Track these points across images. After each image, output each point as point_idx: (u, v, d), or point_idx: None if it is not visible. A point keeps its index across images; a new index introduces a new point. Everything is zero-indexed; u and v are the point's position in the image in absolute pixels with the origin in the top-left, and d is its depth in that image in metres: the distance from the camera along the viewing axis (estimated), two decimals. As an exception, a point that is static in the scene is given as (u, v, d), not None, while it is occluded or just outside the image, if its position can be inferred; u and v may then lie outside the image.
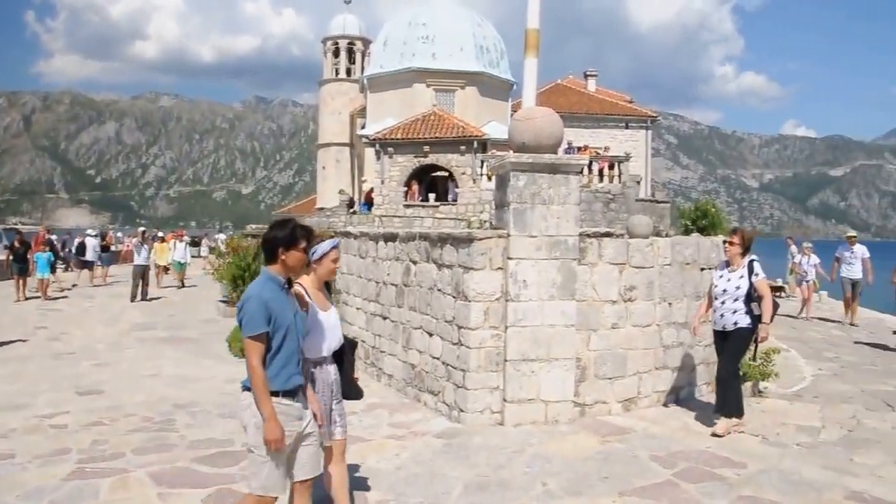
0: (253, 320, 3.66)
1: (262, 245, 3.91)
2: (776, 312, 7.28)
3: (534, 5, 8.40)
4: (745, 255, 7.13)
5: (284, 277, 3.87)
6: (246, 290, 3.83)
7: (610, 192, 27.04)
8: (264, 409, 3.65)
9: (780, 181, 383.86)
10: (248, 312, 3.69)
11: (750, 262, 7.06)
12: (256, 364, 3.66)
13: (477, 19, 37.75)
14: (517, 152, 7.06)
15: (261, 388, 3.65)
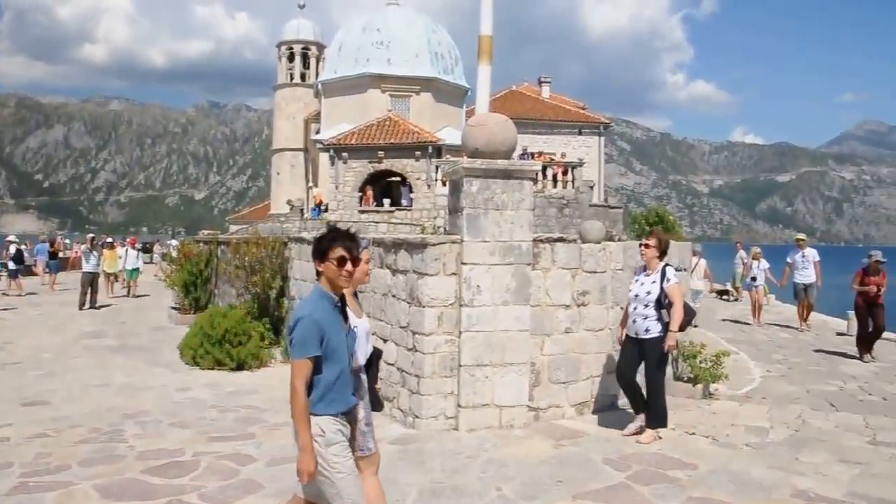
0: (304, 343, 3.46)
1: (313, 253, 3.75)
2: (690, 321, 7.02)
3: (487, 12, 8.43)
4: (661, 258, 6.88)
5: (337, 293, 3.67)
6: (297, 308, 3.65)
7: (564, 197, 27.28)
8: (302, 436, 3.47)
9: (729, 187, 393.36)
10: (298, 334, 3.48)
11: (664, 266, 6.84)
12: (299, 386, 3.46)
13: (432, 26, 37.82)
14: (471, 158, 7.07)
15: (301, 413, 3.46)
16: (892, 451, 6.66)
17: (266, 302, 11.58)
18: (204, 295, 16.19)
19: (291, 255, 11.25)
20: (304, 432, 3.46)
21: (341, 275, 3.62)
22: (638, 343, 6.85)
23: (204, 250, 17.02)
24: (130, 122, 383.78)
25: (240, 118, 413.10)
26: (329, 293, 3.64)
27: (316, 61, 47.05)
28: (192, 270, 16.29)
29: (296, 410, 3.47)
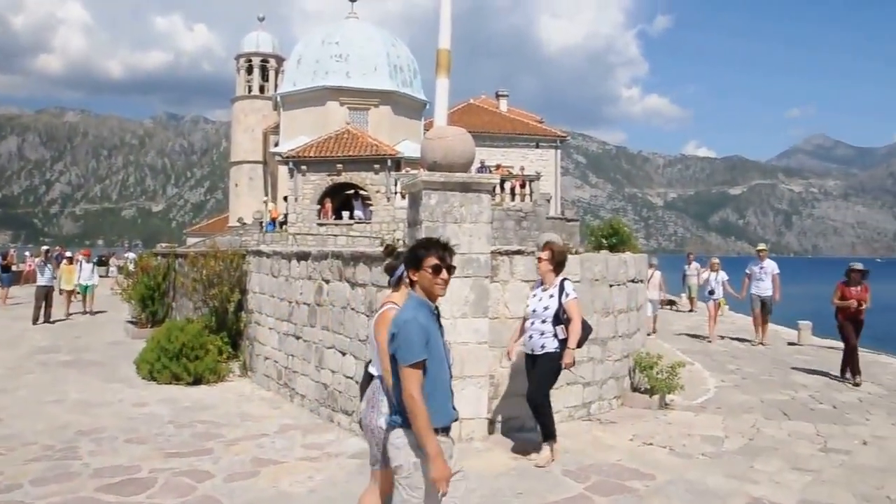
0: (412, 347, 3.39)
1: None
2: (587, 337, 6.75)
3: (445, 26, 8.46)
4: (557, 272, 6.62)
5: (433, 301, 3.63)
6: (396, 315, 3.58)
7: (521, 210, 27.51)
8: (430, 445, 3.35)
9: (683, 199, 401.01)
10: (405, 338, 3.41)
11: (562, 281, 6.59)
12: (418, 395, 3.36)
13: (391, 39, 37.91)
14: (429, 171, 7.09)
15: (425, 422, 3.35)
16: (842, 458, 6.83)
17: (224, 315, 11.44)
18: (161, 308, 15.97)
19: (250, 269, 11.14)
20: (431, 440, 3.37)
21: (436, 283, 3.61)
22: (533, 360, 6.64)
23: (161, 263, 16.80)
24: (86, 133, 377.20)
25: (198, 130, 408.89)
26: (427, 301, 3.62)
27: (275, 73, 46.81)
28: (150, 284, 16.08)
29: (419, 419, 3.36)
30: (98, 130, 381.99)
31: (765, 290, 14.56)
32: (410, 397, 3.38)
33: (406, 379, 3.40)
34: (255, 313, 10.70)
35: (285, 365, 9.40)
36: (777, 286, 14.60)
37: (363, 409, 4.27)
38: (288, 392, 9.28)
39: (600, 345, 8.45)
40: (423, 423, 3.36)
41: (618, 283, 8.89)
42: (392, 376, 3.59)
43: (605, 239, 22.45)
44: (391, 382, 3.74)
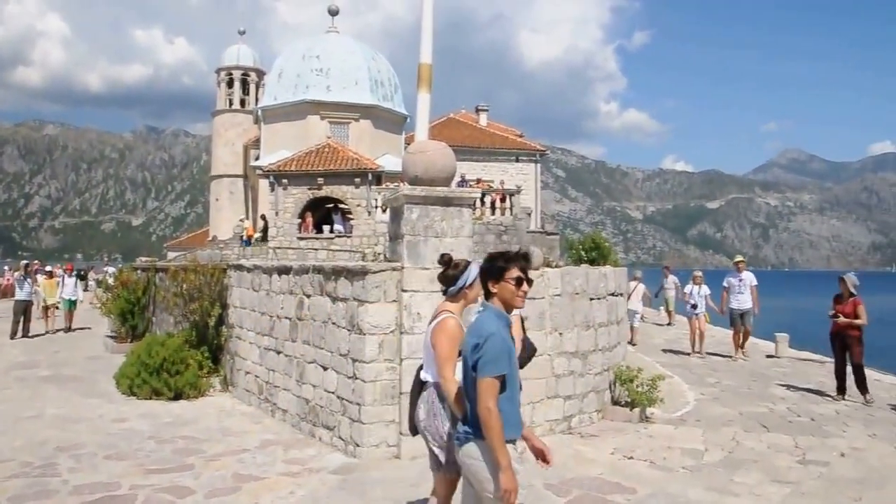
0: (498, 360, 3.43)
1: (480, 280, 3.78)
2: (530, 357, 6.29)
3: (426, 41, 8.54)
4: None
5: (507, 313, 3.67)
6: (477, 326, 3.59)
7: (502, 224, 27.60)
8: (502, 456, 3.39)
9: (661, 213, 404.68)
10: (491, 351, 3.43)
11: None
12: (494, 408, 3.40)
13: (371, 53, 38.01)
14: (410, 185, 7.12)
15: (500, 433, 3.40)
16: (820, 470, 6.91)
17: (205, 330, 11.37)
18: (141, 323, 15.85)
19: (231, 283, 11.09)
20: (503, 452, 3.41)
21: (518, 295, 3.65)
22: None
23: (142, 277, 16.67)
24: (66, 146, 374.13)
25: (178, 143, 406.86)
26: (505, 314, 3.65)
27: (255, 87, 46.72)
28: (130, 298, 15.94)
29: (494, 431, 3.40)
30: (77, 143, 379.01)
31: (744, 302, 14.34)
32: (487, 409, 3.41)
33: (485, 391, 3.43)
34: (236, 328, 10.65)
35: (266, 380, 9.35)
36: (755, 299, 14.40)
37: (422, 416, 4.33)
38: (269, 407, 9.23)
39: (581, 358, 8.50)
40: (497, 435, 3.40)
41: (598, 296, 8.96)
42: (465, 385, 3.64)
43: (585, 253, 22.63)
44: (451, 389, 3.89)
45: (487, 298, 3.72)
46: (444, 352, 4.10)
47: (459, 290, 4.29)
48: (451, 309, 4.27)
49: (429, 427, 4.28)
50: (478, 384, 3.46)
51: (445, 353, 4.08)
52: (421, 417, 4.34)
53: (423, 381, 4.40)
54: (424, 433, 4.35)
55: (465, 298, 4.33)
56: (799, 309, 54.32)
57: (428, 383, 4.34)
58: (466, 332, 3.68)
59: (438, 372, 4.13)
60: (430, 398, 4.29)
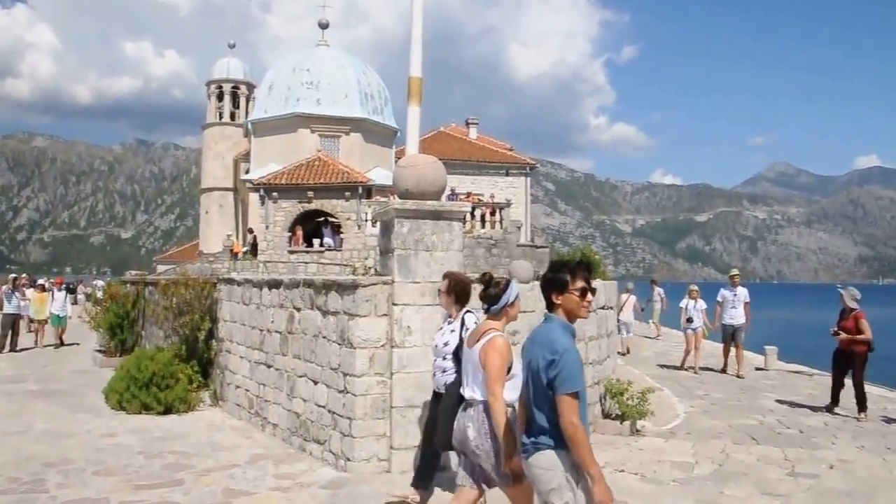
0: (574, 376, 3.47)
1: (541, 289, 3.78)
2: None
3: (416, 55, 8.59)
4: (461, 304, 5.94)
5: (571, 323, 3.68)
6: (548, 341, 3.59)
7: (492, 237, 27.65)
8: (595, 469, 3.42)
9: (650, 226, 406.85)
10: (567, 367, 3.46)
11: (465, 313, 5.90)
12: (579, 422, 3.46)
13: (361, 67, 38.16)
14: (401, 199, 7.14)
15: (588, 446, 3.45)
16: (809, 482, 6.94)
17: (195, 344, 11.32)
18: (131, 337, 15.77)
19: (221, 297, 11.05)
20: (594, 463, 3.45)
21: (583, 305, 3.67)
22: (437, 397, 6.03)
23: (131, 291, 16.60)
24: (55, 159, 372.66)
25: (168, 156, 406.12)
26: (571, 326, 3.67)
27: (246, 100, 46.79)
28: (119, 312, 15.86)
29: (582, 445, 3.44)
30: (66, 156, 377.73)
31: (737, 318, 13.99)
32: (572, 424, 3.45)
33: (566, 406, 3.46)
34: (226, 342, 10.61)
35: (256, 394, 9.32)
36: (748, 315, 14.09)
37: (471, 435, 4.39)
38: (259, 421, 9.19)
39: (571, 371, 8.51)
40: (586, 449, 3.45)
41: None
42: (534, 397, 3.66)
43: (574, 266, 22.70)
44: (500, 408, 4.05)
45: (551, 310, 3.73)
46: (495, 370, 4.19)
47: (502, 309, 4.39)
48: (496, 327, 4.37)
49: (480, 445, 4.34)
50: (558, 401, 3.50)
51: (496, 371, 4.18)
52: (471, 436, 4.40)
53: (461, 398, 4.51)
54: (475, 451, 4.40)
55: (507, 316, 4.45)
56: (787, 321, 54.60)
57: (474, 400, 4.42)
58: (536, 346, 3.66)
59: (489, 389, 4.20)
60: (480, 416, 4.37)
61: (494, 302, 4.43)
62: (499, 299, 4.41)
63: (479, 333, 4.45)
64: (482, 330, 4.45)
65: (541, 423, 3.61)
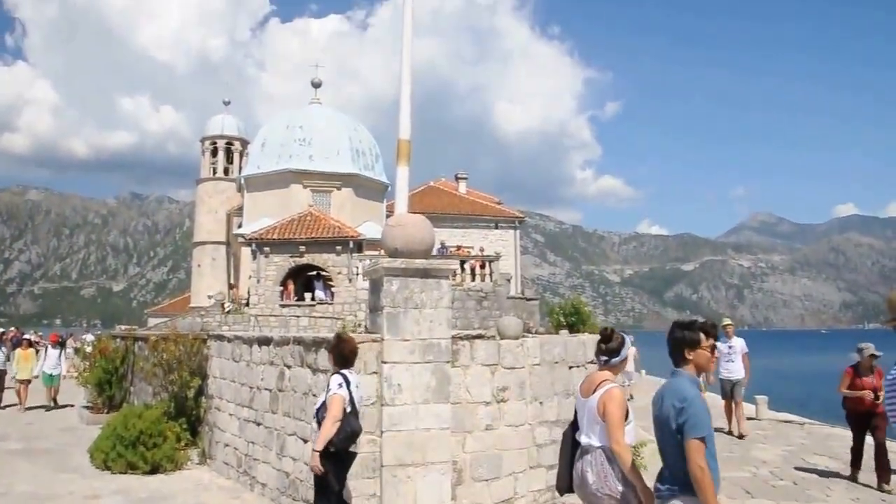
0: (702, 422, 3.76)
1: (670, 346, 4.11)
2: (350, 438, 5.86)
3: (405, 117, 8.79)
4: (343, 365, 5.85)
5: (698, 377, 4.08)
6: (676, 391, 3.94)
7: (482, 290, 27.71)
8: None
9: (639, 276, 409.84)
10: (695, 414, 3.77)
11: (331, 376, 5.85)
12: (705, 465, 3.72)
13: (353, 124, 38.73)
14: (390, 257, 7.25)
15: (712, 491, 3.70)
16: (799, 537, 6.92)
17: (184, 401, 11.26)
18: (119, 393, 15.65)
19: (211, 353, 11.05)
20: None
21: (712, 360, 4.17)
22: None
23: (120, 346, 16.52)
24: (49, 211, 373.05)
25: (162, 210, 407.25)
26: (697, 379, 4.06)
27: (239, 156, 47.16)
28: (108, 367, 15.76)
29: (709, 488, 3.70)
30: (61, 209, 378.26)
31: (735, 371, 13.00)
32: (700, 469, 3.72)
33: (694, 451, 3.74)
34: (216, 399, 10.58)
35: (245, 452, 9.27)
36: (747, 367, 13.10)
37: (591, 479, 4.60)
38: (248, 480, 9.13)
39: (562, 427, 8.51)
40: (711, 493, 3.71)
41: (577, 364, 9.03)
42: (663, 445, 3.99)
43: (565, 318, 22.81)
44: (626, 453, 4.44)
45: (679, 365, 4.10)
46: (616, 419, 4.51)
47: (621, 362, 4.78)
48: (610, 378, 4.72)
49: (601, 489, 4.55)
50: (687, 445, 3.78)
51: (617, 419, 4.50)
52: (590, 481, 4.61)
53: (576, 443, 4.81)
54: (595, 493, 4.60)
55: (619, 369, 4.81)
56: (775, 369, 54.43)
57: (591, 447, 4.66)
58: (666, 397, 3.99)
59: (612, 437, 4.51)
60: (600, 461, 4.60)
61: (612, 355, 4.78)
62: (616, 353, 4.77)
63: (594, 384, 4.75)
64: (597, 381, 4.75)
65: (672, 470, 3.93)
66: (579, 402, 4.90)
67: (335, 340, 6.05)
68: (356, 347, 6.12)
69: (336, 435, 5.65)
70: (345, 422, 5.69)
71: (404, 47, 8.70)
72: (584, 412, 4.78)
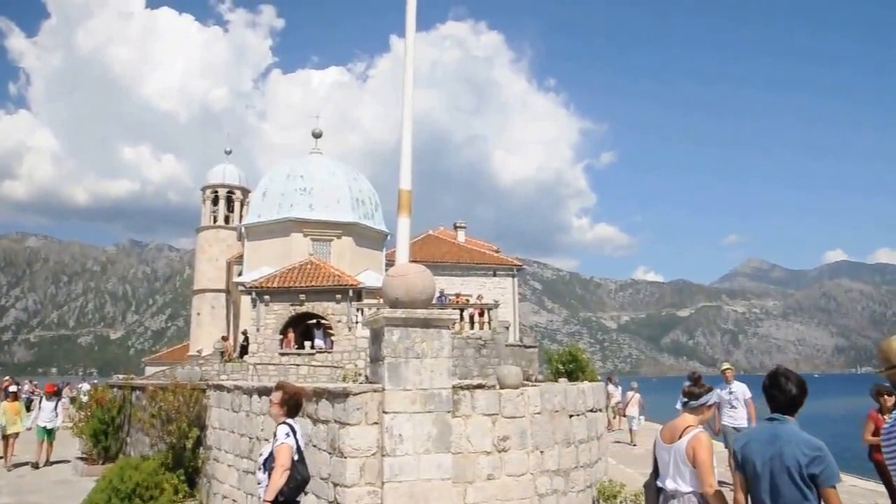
0: (836, 469, 3.92)
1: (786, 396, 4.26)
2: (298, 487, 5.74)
3: (406, 168, 8.93)
4: (291, 414, 5.78)
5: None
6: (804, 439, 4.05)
7: (481, 338, 27.66)
8: None
9: (635, 322, 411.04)
10: (832, 462, 3.92)
11: (282, 423, 5.73)
12: None
13: (353, 174, 39.14)
14: (391, 307, 7.31)
15: None
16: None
17: (182, 452, 11.21)
18: (115, 444, 15.52)
19: (210, 403, 11.03)
20: None
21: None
22: None
23: (117, 396, 16.43)
24: (47, 259, 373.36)
25: (162, 257, 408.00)
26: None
27: (240, 205, 47.48)
28: (104, 418, 15.65)
29: None
30: (59, 256, 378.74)
31: (739, 419, 12.00)
32: None
33: (833, 498, 3.88)
34: (214, 449, 10.52)
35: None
36: (753, 415, 11.96)
37: None
38: (247, 533, 9.04)
39: (563, 476, 8.49)
40: None
41: (578, 413, 9.03)
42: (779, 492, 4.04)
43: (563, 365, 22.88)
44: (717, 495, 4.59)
45: (790, 413, 4.26)
46: (707, 463, 4.71)
47: (700, 406, 4.99)
48: (694, 423, 4.94)
49: None
50: (826, 494, 3.91)
51: (709, 463, 4.70)
52: None
53: (659, 488, 4.98)
54: None
55: (703, 415, 5.01)
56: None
57: (680, 492, 4.83)
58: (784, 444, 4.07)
59: (705, 481, 4.69)
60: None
61: (696, 399, 5.01)
62: (700, 398, 5.00)
63: (679, 430, 4.93)
64: (681, 427, 4.94)
65: None
66: (661, 448, 5.05)
67: (288, 391, 5.90)
68: (303, 397, 6.10)
69: (286, 484, 5.59)
70: (294, 471, 5.66)
71: (405, 101, 8.90)
72: (670, 458, 4.92)
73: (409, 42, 9.26)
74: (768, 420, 4.29)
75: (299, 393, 5.94)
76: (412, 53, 9.17)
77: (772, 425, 4.23)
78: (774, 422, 4.23)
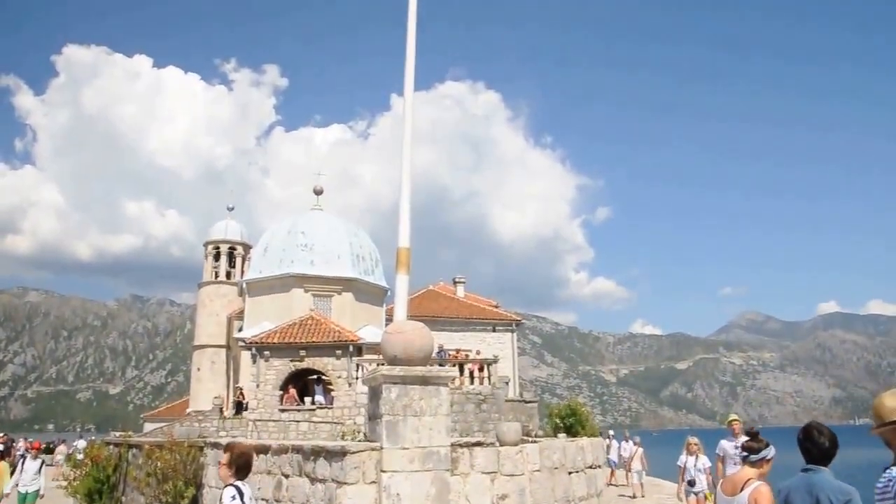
0: None
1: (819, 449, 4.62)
2: None
3: (404, 226, 9.10)
4: (240, 476, 5.61)
5: None
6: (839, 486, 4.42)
7: (481, 393, 27.52)
8: None
9: (634, 375, 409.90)
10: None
11: (224, 488, 5.57)
12: None
13: (353, 230, 39.46)
14: (389, 364, 7.37)
15: None
16: None
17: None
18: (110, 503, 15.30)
19: (207, 461, 10.98)
20: None
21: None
22: None
23: (114, 453, 16.25)
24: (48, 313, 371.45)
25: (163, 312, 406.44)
26: None
27: (242, 260, 47.66)
28: (99, 476, 15.43)
29: None
30: (60, 311, 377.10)
31: None
32: None
33: None
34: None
35: (241, 565, 9.08)
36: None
37: None
38: None
39: (562, 536, 8.43)
40: None
41: (577, 469, 9.02)
42: None
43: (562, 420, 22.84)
44: None
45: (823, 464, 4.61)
46: None
47: (760, 460, 5.19)
48: (755, 476, 5.12)
49: None
50: None
51: None
52: None
53: None
54: None
55: (762, 468, 5.19)
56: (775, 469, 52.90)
57: None
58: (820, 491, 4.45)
59: None
60: None
61: (756, 453, 5.22)
62: (759, 452, 5.21)
63: (741, 482, 5.14)
64: (743, 479, 5.15)
65: None
66: (722, 500, 5.27)
67: (236, 451, 5.69)
68: (252, 456, 5.95)
69: None
70: None
71: (403, 164, 9.12)
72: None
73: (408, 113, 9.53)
74: (803, 471, 4.65)
75: (248, 452, 5.79)
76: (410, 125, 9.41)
77: (807, 475, 4.61)
78: (810, 472, 4.61)
